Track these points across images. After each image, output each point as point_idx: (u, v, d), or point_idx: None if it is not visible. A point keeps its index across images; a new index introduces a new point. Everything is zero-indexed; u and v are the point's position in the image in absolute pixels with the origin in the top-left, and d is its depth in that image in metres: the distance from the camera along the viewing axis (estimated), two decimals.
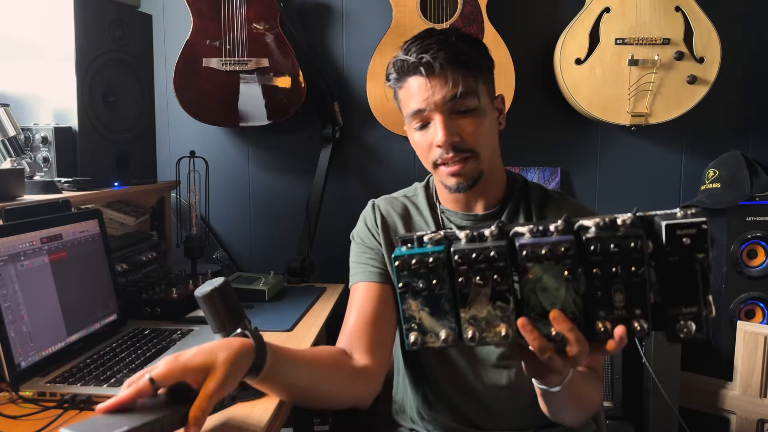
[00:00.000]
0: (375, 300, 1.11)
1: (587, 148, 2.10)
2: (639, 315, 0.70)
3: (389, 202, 1.20)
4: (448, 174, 1.05)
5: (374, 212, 1.18)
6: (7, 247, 1.04)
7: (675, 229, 0.69)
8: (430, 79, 1.01)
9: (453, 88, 1.00)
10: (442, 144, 1.02)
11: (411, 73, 1.03)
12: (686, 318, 0.70)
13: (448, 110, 1.02)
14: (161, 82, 1.97)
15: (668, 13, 1.87)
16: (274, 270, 1.77)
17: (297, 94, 1.93)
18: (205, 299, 0.97)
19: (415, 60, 1.00)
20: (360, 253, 1.17)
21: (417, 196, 1.20)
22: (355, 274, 1.16)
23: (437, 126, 1.02)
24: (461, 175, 1.04)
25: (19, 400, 0.98)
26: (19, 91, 1.52)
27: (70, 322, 1.15)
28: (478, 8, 1.90)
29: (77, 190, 1.39)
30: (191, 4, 1.89)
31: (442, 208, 1.16)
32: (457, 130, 1.02)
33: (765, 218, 1.88)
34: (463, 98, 1.01)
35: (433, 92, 1.01)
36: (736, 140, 2.06)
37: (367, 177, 2.13)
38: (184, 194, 1.87)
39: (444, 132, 1.01)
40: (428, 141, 1.04)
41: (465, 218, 1.13)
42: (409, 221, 1.16)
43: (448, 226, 1.13)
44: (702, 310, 0.69)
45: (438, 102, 1.01)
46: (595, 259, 0.70)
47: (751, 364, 1.81)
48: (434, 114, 1.02)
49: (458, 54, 1.01)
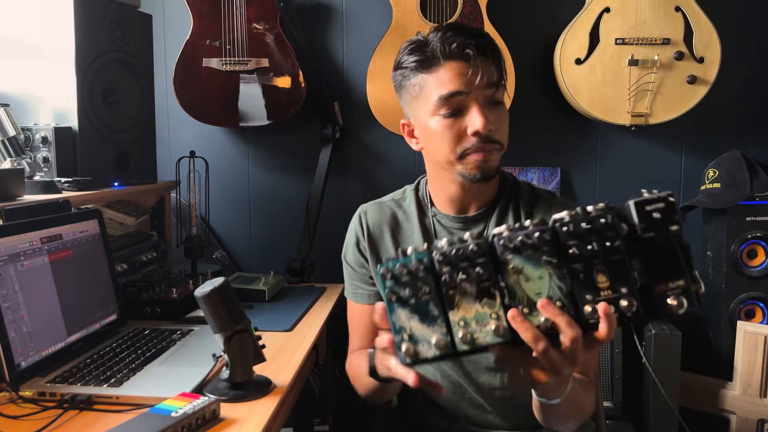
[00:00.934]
0: (369, 320, 1.15)
1: (587, 148, 2.10)
2: (625, 293, 0.71)
3: (378, 209, 1.18)
4: (476, 160, 1.02)
5: (361, 225, 1.18)
6: (7, 247, 1.04)
7: (643, 205, 0.70)
8: (474, 63, 0.99)
9: (493, 76, 1.00)
10: (482, 130, 0.99)
11: (450, 57, 1.00)
12: (675, 293, 0.70)
13: (486, 98, 1.01)
14: (161, 82, 1.97)
15: (668, 13, 1.87)
16: (274, 270, 1.78)
17: (297, 94, 1.93)
18: (205, 299, 0.97)
19: (456, 46, 0.99)
20: (350, 273, 1.21)
21: (406, 200, 1.18)
22: (349, 291, 1.22)
23: (476, 112, 1.00)
24: (487, 164, 1.02)
25: (19, 400, 0.98)
26: (19, 91, 1.52)
27: (70, 322, 1.15)
28: (478, 8, 1.90)
29: (77, 190, 1.39)
30: (191, 4, 1.89)
31: (434, 211, 1.14)
32: (493, 120, 1.01)
33: (765, 218, 1.88)
34: (498, 88, 1.02)
35: (475, 77, 0.99)
36: (736, 140, 2.05)
37: (367, 177, 2.12)
38: (184, 194, 1.87)
39: (485, 119, 0.99)
40: (460, 128, 1.01)
41: (456, 220, 1.12)
42: (397, 229, 1.16)
43: (438, 228, 1.13)
44: (690, 285, 0.70)
45: (479, 87, 0.99)
46: (570, 242, 0.71)
47: (751, 364, 1.81)
48: (472, 101, 1.00)
49: (492, 46, 1.02)
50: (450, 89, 1.00)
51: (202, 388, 1.00)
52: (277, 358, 1.18)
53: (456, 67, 1.00)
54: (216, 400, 0.93)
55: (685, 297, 0.70)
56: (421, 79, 1.03)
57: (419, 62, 1.02)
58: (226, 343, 0.98)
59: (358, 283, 1.20)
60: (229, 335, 0.98)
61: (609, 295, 0.71)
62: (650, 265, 0.71)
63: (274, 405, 0.97)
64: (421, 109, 1.05)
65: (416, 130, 1.10)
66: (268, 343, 1.10)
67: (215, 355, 1.04)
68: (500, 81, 1.02)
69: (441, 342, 0.72)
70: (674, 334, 1.86)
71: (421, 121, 1.06)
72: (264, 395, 1.01)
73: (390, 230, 1.16)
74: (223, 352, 0.99)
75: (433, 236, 1.12)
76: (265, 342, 1.06)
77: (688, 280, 0.70)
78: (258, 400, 0.99)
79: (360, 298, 1.19)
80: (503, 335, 0.72)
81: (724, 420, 1.88)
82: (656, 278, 0.71)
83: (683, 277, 0.70)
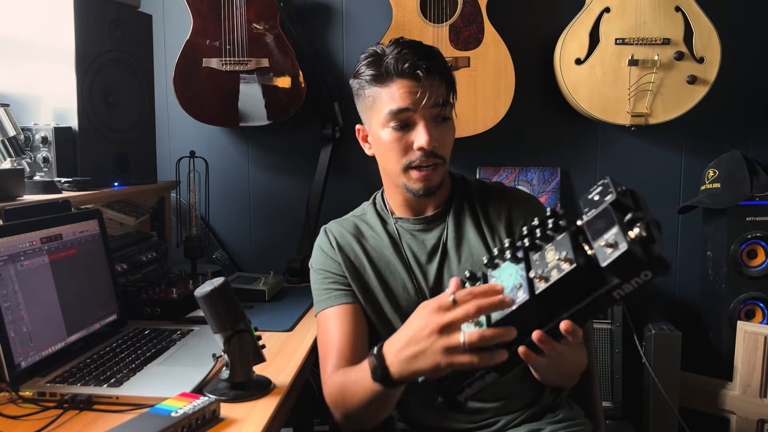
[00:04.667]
0: (352, 320, 1.13)
1: (587, 148, 2.10)
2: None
3: (340, 224, 1.23)
4: (419, 178, 1.10)
5: (328, 237, 1.21)
6: (7, 247, 1.04)
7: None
8: (423, 83, 1.05)
9: (440, 96, 1.07)
10: (426, 146, 1.06)
11: (402, 75, 1.06)
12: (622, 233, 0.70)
13: (433, 116, 1.08)
14: (161, 82, 1.97)
15: (668, 13, 1.87)
16: (274, 270, 1.78)
17: (297, 94, 1.93)
18: (205, 299, 0.97)
19: (408, 65, 1.05)
20: (322, 279, 1.18)
21: (366, 215, 1.24)
22: (322, 300, 1.17)
23: (422, 129, 1.07)
24: (430, 180, 1.10)
25: (19, 400, 0.98)
26: (19, 91, 1.53)
27: (70, 322, 1.15)
28: (478, 8, 1.90)
29: (77, 190, 1.39)
30: (191, 4, 1.89)
31: (395, 218, 1.20)
32: (437, 137, 1.08)
33: (765, 218, 1.88)
34: (444, 107, 1.09)
35: (421, 97, 1.05)
36: (736, 140, 2.05)
37: (367, 177, 2.12)
38: (184, 194, 1.87)
39: (429, 136, 1.06)
40: (407, 142, 1.09)
41: (416, 222, 1.18)
42: (362, 238, 1.20)
43: (402, 232, 1.19)
44: (624, 227, 0.69)
45: (427, 106, 1.06)
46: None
47: (751, 364, 1.81)
48: (419, 117, 1.07)
49: (443, 67, 1.10)
50: (399, 105, 1.07)
51: (202, 388, 1.00)
52: (277, 358, 1.18)
53: (406, 85, 1.06)
54: (216, 400, 0.93)
55: (637, 228, 0.70)
56: (375, 92, 1.10)
57: (374, 76, 1.09)
58: (226, 343, 0.98)
59: (332, 285, 1.16)
60: (229, 335, 0.98)
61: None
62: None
63: (274, 405, 0.97)
64: (374, 118, 1.12)
65: (369, 137, 1.17)
66: (268, 343, 1.10)
67: (215, 355, 1.04)
68: (448, 100, 1.09)
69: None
70: (674, 334, 1.86)
71: (373, 130, 1.14)
72: (264, 395, 1.01)
73: (356, 239, 1.19)
74: (223, 352, 0.99)
75: (398, 240, 1.18)
76: (265, 342, 1.06)
77: (622, 225, 0.70)
78: (258, 400, 0.99)
79: (335, 299, 1.15)
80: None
81: (724, 420, 1.88)
82: (594, 237, 0.74)
83: (617, 224, 0.71)
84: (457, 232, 1.17)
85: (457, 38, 1.90)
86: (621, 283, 0.71)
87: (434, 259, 1.16)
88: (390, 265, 1.17)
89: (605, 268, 0.69)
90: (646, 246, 0.68)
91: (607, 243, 0.69)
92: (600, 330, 1.89)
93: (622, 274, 0.70)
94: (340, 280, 1.17)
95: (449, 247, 1.16)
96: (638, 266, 0.68)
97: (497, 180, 2.08)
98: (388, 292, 1.15)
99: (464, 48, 1.91)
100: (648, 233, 0.68)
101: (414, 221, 1.18)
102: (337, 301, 1.15)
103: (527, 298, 0.75)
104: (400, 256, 1.17)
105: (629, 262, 0.68)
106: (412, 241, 1.18)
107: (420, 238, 1.18)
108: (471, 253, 1.14)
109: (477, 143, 1.95)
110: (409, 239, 1.18)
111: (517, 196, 1.22)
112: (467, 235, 1.16)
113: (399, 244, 1.18)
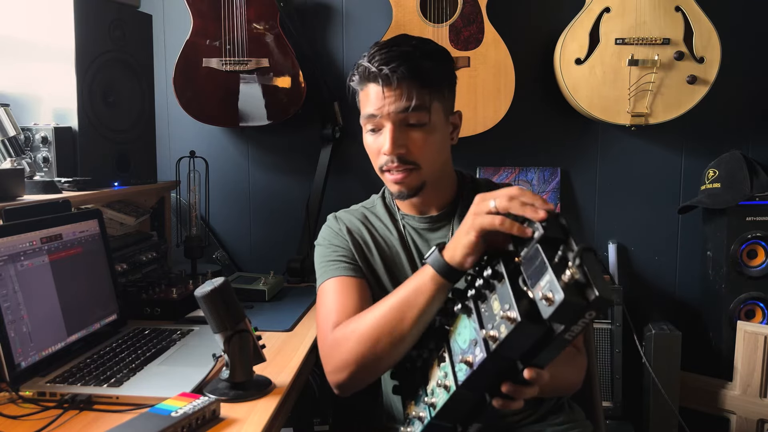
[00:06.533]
0: (355, 292, 1.10)
1: (587, 148, 2.10)
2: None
3: (350, 212, 1.24)
4: (391, 181, 1.10)
5: (337, 221, 1.21)
6: (7, 247, 1.04)
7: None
8: (386, 90, 1.05)
9: (406, 102, 1.05)
10: (387, 153, 1.07)
11: (370, 81, 1.07)
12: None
13: (399, 121, 1.06)
14: (161, 82, 1.97)
15: (668, 13, 1.87)
16: (274, 270, 1.78)
17: (297, 94, 1.93)
18: (205, 299, 0.97)
19: (375, 70, 1.05)
20: (329, 252, 1.16)
21: (375, 207, 1.24)
22: (327, 271, 1.13)
23: (386, 135, 1.07)
24: (403, 183, 1.09)
25: (19, 400, 0.98)
26: (19, 91, 1.53)
27: (70, 322, 1.15)
28: (478, 8, 1.90)
29: (77, 190, 1.39)
30: (191, 4, 1.89)
31: (402, 213, 1.20)
32: (404, 142, 1.07)
33: (765, 218, 1.88)
34: (415, 112, 1.05)
35: (386, 102, 1.05)
36: (736, 140, 2.05)
37: (367, 177, 2.12)
38: (184, 194, 1.87)
39: (391, 142, 1.06)
40: (378, 146, 1.09)
41: (422, 221, 1.18)
42: (372, 228, 1.20)
43: (409, 230, 1.18)
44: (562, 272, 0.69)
45: (390, 112, 1.05)
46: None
47: (751, 364, 1.81)
48: (385, 122, 1.07)
49: (417, 70, 1.05)
50: (368, 111, 1.08)
51: (202, 388, 1.00)
52: (277, 358, 1.18)
53: (375, 90, 1.07)
54: (216, 400, 0.93)
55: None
56: (358, 93, 1.13)
57: (355, 81, 1.11)
58: (226, 343, 0.98)
59: (339, 258, 1.14)
60: (229, 335, 0.98)
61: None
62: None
63: (274, 405, 0.97)
64: (360, 120, 1.13)
65: None
66: (268, 343, 1.10)
67: (215, 355, 1.04)
68: (422, 105, 1.05)
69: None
70: (674, 334, 1.86)
71: (363, 130, 1.14)
72: (264, 395, 1.01)
73: (365, 226, 1.19)
74: (223, 352, 0.99)
75: (406, 238, 1.18)
76: (265, 342, 1.06)
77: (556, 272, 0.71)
78: (258, 400, 0.99)
79: (341, 271, 1.12)
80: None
81: (724, 420, 1.88)
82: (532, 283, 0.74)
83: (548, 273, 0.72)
84: None
85: (457, 38, 1.90)
86: (567, 327, 0.71)
87: None
88: (397, 256, 1.17)
89: (547, 320, 0.69)
90: (583, 290, 0.68)
91: (543, 295, 0.69)
92: (600, 330, 1.89)
93: (565, 320, 0.70)
94: (347, 254, 1.15)
95: None
96: (579, 311, 0.68)
97: (497, 180, 2.08)
98: (394, 281, 1.14)
99: (464, 48, 1.91)
100: (582, 273, 0.67)
101: (419, 219, 1.18)
102: (342, 272, 1.12)
103: (485, 356, 0.77)
104: (406, 250, 1.16)
105: (569, 310, 0.68)
106: (417, 238, 1.18)
107: (425, 237, 1.18)
108: None
109: (477, 143, 1.95)
110: (414, 236, 1.18)
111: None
112: None
113: (405, 239, 1.18)
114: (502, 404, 0.81)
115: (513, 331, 0.73)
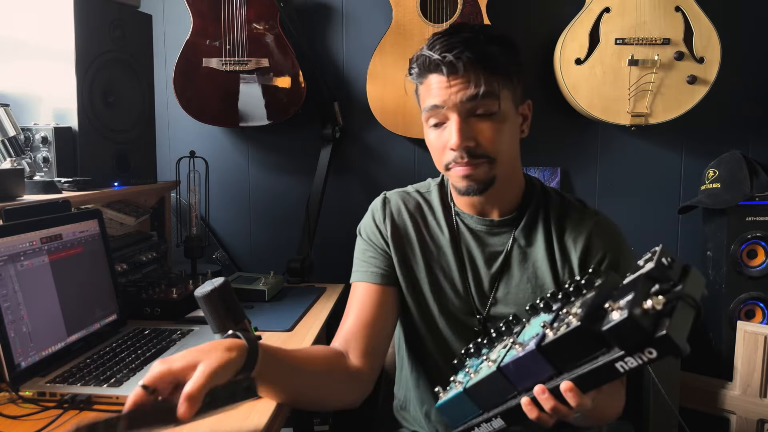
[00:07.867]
0: (375, 303, 1.09)
1: (587, 148, 2.10)
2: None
3: (402, 197, 1.16)
4: (459, 175, 1.01)
5: (384, 209, 1.15)
6: (7, 247, 1.04)
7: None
8: (451, 78, 0.97)
9: (474, 89, 0.96)
10: (455, 147, 0.98)
11: (432, 71, 0.99)
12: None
13: (466, 111, 0.98)
14: (161, 82, 1.97)
15: (668, 13, 1.87)
16: (274, 270, 1.77)
17: (297, 94, 1.93)
18: (205, 299, 0.97)
19: (438, 57, 0.97)
20: (364, 250, 1.14)
21: (431, 194, 1.16)
22: (357, 271, 1.13)
23: (452, 128, 0.98)
24: (472, 177, 1.00)
25: (19, 400, 0.98)
26: (19, 91, 1.52)
27: (70, 322, 1.15)
28: (478, 8, 1.90)
29: (77, 190, 1.39)
30: (191, 4, 1.89)
31: (456, 209, 1.12)
32: (473, 134, 0.98)
33: (765, 218, 1.88)
34: (484, 101, 0.97)
35: (452, 91, 0.97)
36: (736, 140, 2.05)
37: (367, 177, 2.12)
38: (184, 194, 1.87)
39: (459, 135, 0.97)
40: (442, 142, 1.01)
41: (480, 222, 1.10)
42: (421, 221, 1.13)
43: (463, 228, 1.11)
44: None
45: (456, 102, 0.97)
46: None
47: (751, 364, 1.81)
48: (451, 113, 0.99)
49: (484, 56, 0.97)
50: (430, 103, 1.01)
51: None
52: None
53: (437, 81, 0.99)
54: None
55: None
56: (418, 88, 1.06)
57: (415, 74, 1.04)
58: None
59: (370, 260, 1.12)
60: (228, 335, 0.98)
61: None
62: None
63: (274, 405, 0.97)
64: (422, 115, 1.05)
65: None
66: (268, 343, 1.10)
67: None
68: (489, 93, 0.97)
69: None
70: None
71: (424, 126, 1.07)
72: None
73: (413, 220, 1.13)
74: None
75: (456, 234, 1.11)
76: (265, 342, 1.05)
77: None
78: (258, 401, 0.99)
79: (368, 276, 1.11)
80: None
81: (724, 420, 1.88)
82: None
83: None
84: (525, 246, 1.08)
85: None
86: (624, 355, 0.67)
87: (493, 266, 1.09)
88: (444, 256, 1.10)
89: (604, 332, 0.66)
90: (655, 319, 0.64)
91: (618, 307, 0.66)
92: None
93: (623, 343, 0.66)
94: (379, 257, 1.12)
95: (513, 259, 1.08)
96: (639, 338, 0.64)
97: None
98: (435, 284, 1.10)
99: None
100: (665, 308, 0.64)
101: (478, 220, 1.10)
102: (369, 278, 1.10)
103: (533, 348, 0.75)
104: (456, 251, 1.10)
105: (629, 331, 0.64)
106: (472, 240, 1.10)
107: (481, 240, 1.10)
108: (536, 274, 1.07)
109: None
110: (469, 237, 1.10)
111: (599, 223, 1.09)
112: (536, 253, 1.08)
113: (457, 238, 1.10)
114: (530, 408, 0.77)
115: (568, 333, 0.71)
